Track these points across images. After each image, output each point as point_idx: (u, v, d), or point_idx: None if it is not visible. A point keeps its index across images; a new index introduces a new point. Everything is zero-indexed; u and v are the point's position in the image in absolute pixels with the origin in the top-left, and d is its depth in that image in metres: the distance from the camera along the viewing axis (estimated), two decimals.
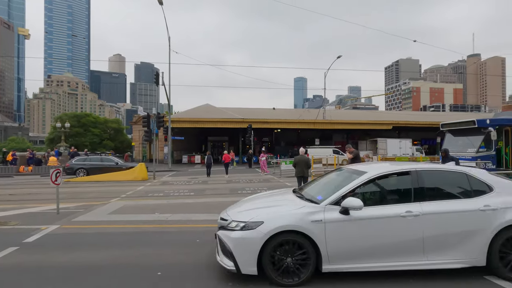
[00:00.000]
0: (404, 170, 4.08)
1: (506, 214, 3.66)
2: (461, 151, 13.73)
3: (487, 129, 12.77)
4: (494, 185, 3.88)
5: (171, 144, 28.06)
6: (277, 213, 3.78)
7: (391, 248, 3.60)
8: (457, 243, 3.63)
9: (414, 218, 3.62)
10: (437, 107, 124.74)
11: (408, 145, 32.06)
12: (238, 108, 43.21)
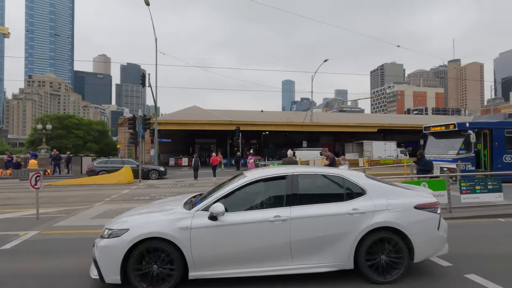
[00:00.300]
0: (280, 174, 4.07)
1: (374, 217, 3.68)
2: (443, 153, 14.18)
3: (466, 132, 13.24)
4: (367, 188, 3.88)
5: (157, 147, 27.61)
6: (145, 220, 3.74)
7: (259, 253, 3.57)
8: (325, 247, 3.63)
9: (282, 223, 3.60)
10: (420, 110, 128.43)
11: (393, 148, 32.82)
12: (226, 110, 43.09)
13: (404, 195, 3.93)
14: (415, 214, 3.76)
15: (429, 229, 3.78)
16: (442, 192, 7.40)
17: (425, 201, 3.87)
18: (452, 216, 7.19)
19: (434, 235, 3.81)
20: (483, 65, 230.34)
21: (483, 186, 7.67)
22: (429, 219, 3.79)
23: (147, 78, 23.30)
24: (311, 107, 42.68)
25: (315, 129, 35.11)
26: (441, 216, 3.93)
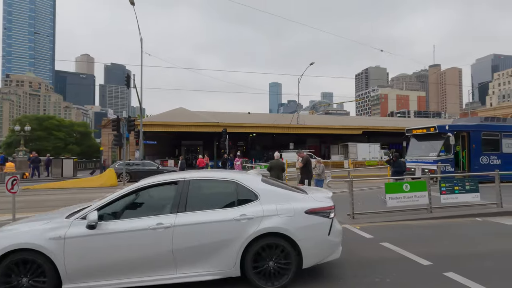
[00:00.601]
0: (172, 180, 3.94)
1: (262, 223, 3.60)
2: (424, 155, 14.63)
3: (446, 135, 13.71)
4: (260, 193, 3.82)
5: (143, 149, 27.09)
6: (16, 230, 3.57)
7: (141, 263, 3.46)
8: (211, 254, 3.53)
9: (164, 231, 3.48)
10: (403, 113, 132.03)
11: (377, 149, 33.57)
12: (213, 112, 42.84)
13: (297, 200, 3.87)
14: (305, 219, 3.71)
15: (319, 234, 3.73)
16: (423, 193, 7.62)
17: (317, 205, 3.82)
18: (433, 216, 7.42)
19: (325, 240, 3.76)
20: (461, 70, 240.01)
21: (461, 187, 7.95)
22: (319, 224, 3.75)
23: (132, 79, 22.86)
24: (298, 110, 43.10)
25: (301, 131, 35.43)
26: (334, 220, 3.90)
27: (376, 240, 5.61)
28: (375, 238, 5.75)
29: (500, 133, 14.79)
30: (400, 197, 7.44)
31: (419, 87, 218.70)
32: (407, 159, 15.82)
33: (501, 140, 14.71)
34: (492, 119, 15.99)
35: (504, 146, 14.70)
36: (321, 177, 9.92)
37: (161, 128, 30.43)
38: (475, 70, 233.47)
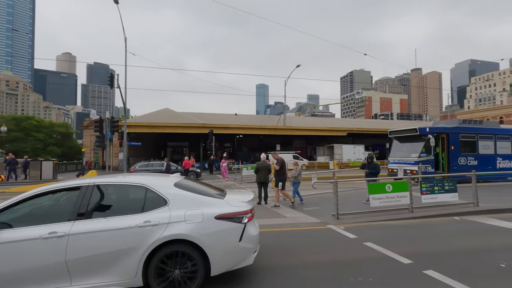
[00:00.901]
0: (74, 185, 3.76)
1: (167, 230, 3.47)
2: (406, 156, 15.05)
3: (427, 136, 14.17)
4: (170, 199, 3.69)
5: (126, 150, 26.47)
6: None
7: (33, 274, 3.25)
8: (110, 264, 3.35)
9: (57, 240, 3.30)
10: (387, 116, 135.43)
11: (361, 151, 34.26)
12: (199, 113, 42.47)
13: (209, 205, 3.76)
14: (214, 225, 3.62)
15: (229, 240, 3.64)
16: (405, 193, 7.84)
17: (229, 210, 3.74)
18: (414, 216, 7.64)
19: (235, 246, 3.66)
20: (441, 74, 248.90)
21: (440, 187, 8.23)
22: (230, 230, 3.66)
23: (116, 79, 22.34)
24: (285, 111, 43.39)
25: (288, 133, 35.68)
26: (248, 225, 3.79)
27: (360, 240, 5.72)
28: (358, 238, 5.85)
29: (477, 135, 15.44)
30: (383, 198, 7.63)
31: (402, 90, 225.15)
32: (389, 160, 16.24)
33: (478, 142, 15.34)
34: (469, 121, 16.66)
35: (481, 148, 15.35)
36: (297, 179, 9.79)
37: (146, 129, 29.88)
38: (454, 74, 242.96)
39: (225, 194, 4.29)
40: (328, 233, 6.36)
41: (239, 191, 4.95)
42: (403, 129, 16.10)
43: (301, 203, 9.75)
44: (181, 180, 4.26)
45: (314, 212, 8.40)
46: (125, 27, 23.87)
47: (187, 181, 4.39)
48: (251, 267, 4.16)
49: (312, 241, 5.86)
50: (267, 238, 6.07)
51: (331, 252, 5.15)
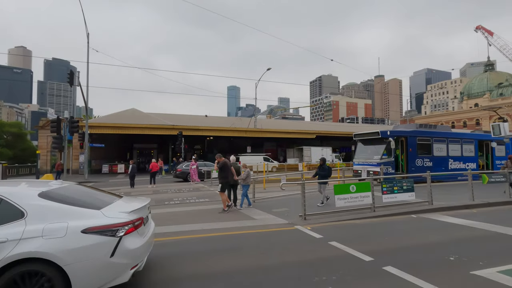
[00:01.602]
0: None
1: (17, 247, 3.07)
2: (369, 158, 15.83)
3: (388, 139, 15.03)
4: (28, 210, 3.31)
5: (88, 152, 24.96)
6: None
7: None
8: None
9: None
10: (352, 119, 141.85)
11: (329, 153, 35.47)
12: (168, 114, 41.29)
13: (79, 217, 3.39)
14: (80, 239, 3.24)
15: (97, 257, 3.27)
16: (368, 193, 8.22)
17: (101, 223, 3.39)
18: (375, 215, 8.03)
19: (105, 263, 3.30)
20: (401, 81, 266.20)
21: (399, 187, 8.76)
22: (99, 245, 3.30)
23: (76, 76, 20.98)
24: (256, 113, 43.67)
25: (259, 135, 35.92)
26: (125, 238, 3.46)
27: (325, 239, 5.88)
28: (324, 237, 6.01)
29: (432, 138, 16.69)
30: (347, 198, 7.93)
31: (366, 96, 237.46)
32: (354, 161, 16.97)
33: (433, 145, 16.59)
34: (425, 126, 17.96)
35: (435, 150, 16.61)
36: (246, 182, 9.62)
37: (110, 130, 28.35)
38: (413, 81, 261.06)
39: (112, 202, 3.96)
40: (295, 234, 6.46)
41: (136, 198, 4.64)
42: (366, 133, 16.92)
43: (249, 207, 9.49)
44: (55, 189, 3.85)
45: (282, 214, 8.50)
46: (90, 23, 22.58)
47: (66, 189, 4.00)
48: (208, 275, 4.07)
49: (279, 242, 5.91)
50: (233, 241, 6.03)
51: (297, 252, 5.23)
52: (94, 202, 3.82)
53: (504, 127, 14.42)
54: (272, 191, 13.49)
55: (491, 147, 18.52)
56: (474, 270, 4.21)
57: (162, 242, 5.97)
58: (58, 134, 16.25)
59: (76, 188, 4.26)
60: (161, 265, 4.68)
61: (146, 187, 17.37)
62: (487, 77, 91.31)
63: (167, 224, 7.55)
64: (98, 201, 3.90)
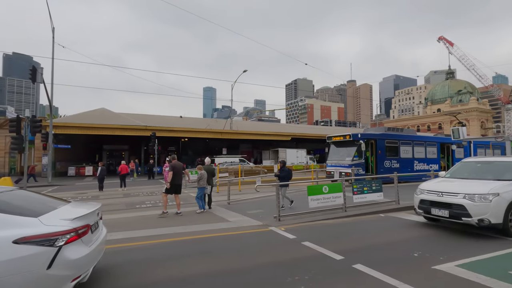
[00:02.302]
0: None
1: None
2: (341, 160, 16.35)
3: (358, 142, 15.63)
4: None
5: (52, 154, 23.47)
6: None
7: None
8: None
9: None
10: (326, 122, 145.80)
11: (304, 155, 36.18)
12: (141, 115, 39.96)
13: (12, 226, 3.11)
14: (10, 251, 2.95)
15: (32, 270, 2.98)
16: (339, 194, 8.48)
17: (36, 232, 3.11)
18: (347, 215, 8.30)
19: (40, 275, 3.01)
20: (372, 86, 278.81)
21: (369, 188, 9.13)
22: (34, 256, 3.01)
23: (40, 72, 19.68)
24: (232, 115, 43.52)
25: (235, 137, 35.81)
26: (65, 248, 3.21)
27: (299, 240, 5.97)
28: (297, 238, 6.11)
29: (399, 141, 17.59)
30: (320, 199, 8.13)
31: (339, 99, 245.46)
32: (327, 163, 17.44)
33: (400, 147, 17.49)
34: (393, 129, 18.89)
35: (402, 152, 17.52)
36: (200, 184, 9.48)
37: (77, 131, 26.87)
38: (382, 87, 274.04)
39: (55, 208, 3.72)
40: (270, 235, 6.50)
41: (86, 203, 4.48)
42: (339, 135, 17.48)
43: (201, 211, 9.27)
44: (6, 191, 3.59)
45: (257, 215, 8.53)
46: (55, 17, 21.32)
47: (3, 195, 3.67)
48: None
49: (254, 244, 5.91)
50: (207, 244, 5.94)
51: (271, 254, 5.26)
52: (34, 209, 3.51)
53: (462, 131, 15.53)
54: (247, 193, 13.49)
55: (451, 149, 19.91)
56: (436, 265, 4.48)
57: (130, 248, 5.75)
58: (18, 134, 15.09)
59: (16, 194, 3.90)
60: (124, 273, 4.49)
61: (116, 190, 16.66)
62: (448, 85, 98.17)
63: (138, 228, 7.29)
64: (39, 208, 3.59)
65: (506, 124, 70.20)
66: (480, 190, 6.02)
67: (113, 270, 4.54)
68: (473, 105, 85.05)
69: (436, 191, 6.62)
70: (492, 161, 7.48)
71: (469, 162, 7.86)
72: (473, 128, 79.62)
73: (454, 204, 6.14)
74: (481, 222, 5.80)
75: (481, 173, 7.12)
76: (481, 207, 5.82)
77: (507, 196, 5.90)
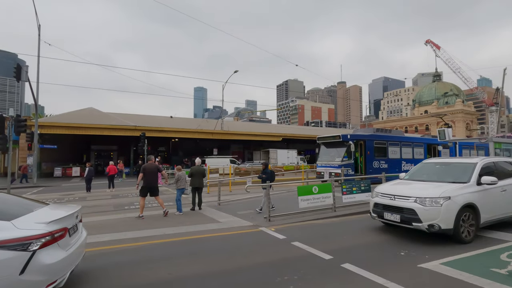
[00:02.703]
0: None
1: None
2: (331, 160, 16.52)
3: (348, 142, 15.83)
4: None
5: (37, 154, 22.89)
6: None
7: None
8: None
9: None
10: (317, 123, 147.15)
11: (294, 155, 36.40)
12: (130, 115, 39.40)
13: None
14: None
15: (3, 275, 2.90)
16: (329, 194, 8.58)
17: (7, 236, 3.04)
18: (336, 215, 8.40)
19: (12, 282, 2.93)
20: (361, 88, 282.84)
21: (358, 188, 9.26)
22: (6, 261, 2.93)
23: (25, 70, 19.17)
24: (223, 115, 43.40)
25: (225, 137, 35.72)
26: (39, 253, 3.12)
27: (288, 240, 6.01)
28: (287, 238, 6.14)
29: (387, 142, 17.90)
30: (310, 199, 8.20)
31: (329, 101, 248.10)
32: (318, 164, 17.60)
33: (388, 148, 17.80)
34: (382, 130, 19.21)
35: (390, 153, 17.84)
36: (178, 185, 9.34)
37: (64, 131, 26.27)
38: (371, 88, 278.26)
39: (31, 211, 3.61)
40: (260, 236, 6.51)
41: (65, 205, 4.35)
42: (329, 136, 17.66)
43: (178, 213, 9.10)
44: None
45: (247, 216, 8.53)
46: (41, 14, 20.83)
47: None
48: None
49: (244, 244, 5.92)
50: (197, 245, 5.91)
51: (261, 254, 5.28)
52: (8, 212, 3.38)
53: (448, 132, 15.92)
54: (237, 194, 13.48)
55: (437, 150, 20.39)
56: (421, 263, 4.59)
57: (118, 250, 5.67)
58: (1, 134, 14.64)
59: None
60: (110, 275, 4.42)
61: (105, 191, 16.36)
62: (435, 87, 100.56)
63: (126, 230, 7.19)
64: (13, 211, 3.47)
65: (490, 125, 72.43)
66: (431, 193, 5.65)
67: (99, 273, 4.47)
68: (459, 107, 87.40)
69: (389, 194, 6.22)
70: (451, 162, 7.08)
71: (429, 163, 7.48)
72: (458, 130, 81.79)
73: (405, 208, 5.77)
74: (431, 227, 5.44)
75: (438, 175, 6.72)
76: (431, 211, 5.46)
77: (459, 200, 5.58)
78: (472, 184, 5.97)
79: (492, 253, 5.04)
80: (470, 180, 6.03)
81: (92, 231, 7.13)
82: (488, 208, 5.98)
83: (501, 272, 4.18)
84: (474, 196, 5.81)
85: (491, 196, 6.09)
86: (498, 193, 6.25)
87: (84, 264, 4.85)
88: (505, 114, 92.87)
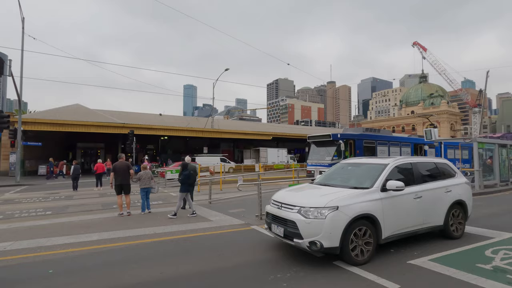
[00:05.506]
0: None
1: None
2: (321, 159, 16.69)
3: (338, 142, 16.02)
4: None
5: (21, 151, 22.18)
6: None
7: None
8: None
9: None
10: (306, 122, 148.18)
11: (284, 154, 36.55)
12: (118, 112, 38.67)
13: None
14: None
15: None
16: None
17: None
18: None
19: None
20: (351, 88, 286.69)
21: None
22: None
23: (7, 65, 18.51)
24: (213, 114, 43.13)
25: (216, 136, 35.54)
26: None
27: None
28: None
29: (376, 141, 18.22)
30: None
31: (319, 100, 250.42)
32: (308, 162, 17.74)
33: (377, 147, 18.12)
34: (370, 130, 19.52)
35: (379, 152, 18.16)
36: (143, 184, 9.22)
37: (49, 127, 25.52)
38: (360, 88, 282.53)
39: None
40: (251, 234, 6.51)
41: None
42: (319, 135, 17.82)
43: (142, 213, 9.01)
44: None
45: (239, 214, 8.52)
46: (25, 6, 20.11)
47: None
48: None
49: (235, 243, 5.90)
50: (188, 244, 5.86)
51: (253, 252, 5.28)
52: None
53: (434, 132, 16.35)
54: (229, 192, 13.44)
55: (424, 149, 20.89)
56: (410, 260, 4.69)
57: (107, 249, 5.56)
58: None
59: None
60: (98, 276, 4.34)
61: (92, 189, 16.02)
62: (421, 88, 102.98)
63: (116, 229, 7.06)
64: None
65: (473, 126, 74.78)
66: (317, 202, 4.55)
67: (88, 273, 4.37)
68: (444, 108, 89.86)
69: (279, 202, 5.10)
70: (362, 163, 5.97)
71: (343, 164, 6.46)
72: (443, 130, 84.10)
73: (289, 220, 4.65)
74: (313, 245, 4.33)
75: (346, 178, 5.71)
76: (313, 225, 4.34)
77: (350, 211, 4.44)
78: (375, 190, 4.88)
79: (478, 249, 5.21)
80: (373, 185, 4.94)
81: (80, 230, 6.97)
82: (393, 219, 4.89)
83: (486, 268, 4.33)
84: (375, 205, 4.70)
85: (399, 204, 4.99)
86: (410, 200, 5.17)
87: (73, 264, 4.74)
88: (487, 115, 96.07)
